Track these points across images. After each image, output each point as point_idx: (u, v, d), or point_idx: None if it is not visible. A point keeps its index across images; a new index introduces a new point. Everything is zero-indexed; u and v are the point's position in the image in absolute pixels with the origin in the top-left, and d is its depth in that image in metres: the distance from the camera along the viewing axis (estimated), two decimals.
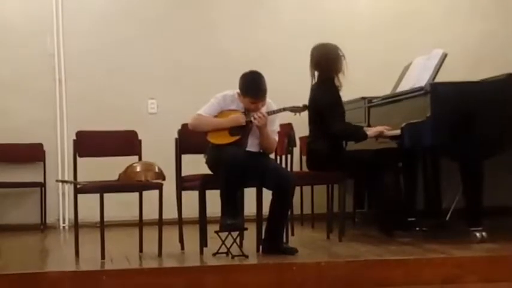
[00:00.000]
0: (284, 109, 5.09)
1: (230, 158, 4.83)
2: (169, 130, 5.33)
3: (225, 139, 4.99)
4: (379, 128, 5.63)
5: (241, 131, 5.00)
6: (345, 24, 7.72)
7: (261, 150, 5.10)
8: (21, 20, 7.42)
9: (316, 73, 5.73)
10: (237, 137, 4.99)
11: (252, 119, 4.97)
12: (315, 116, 5.69)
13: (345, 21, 7.75)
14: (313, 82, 5.73)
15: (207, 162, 5.07)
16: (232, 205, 4.85)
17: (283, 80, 6.84)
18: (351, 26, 7.73)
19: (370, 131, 5.66)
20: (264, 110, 5.01)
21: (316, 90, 5.70)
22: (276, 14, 7.78)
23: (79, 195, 5.07)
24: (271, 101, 5.12)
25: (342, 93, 5.73)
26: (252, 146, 5.06)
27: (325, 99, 5.61)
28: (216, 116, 5.05)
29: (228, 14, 7.73)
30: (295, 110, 5.13)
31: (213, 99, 5.11)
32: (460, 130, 5.19)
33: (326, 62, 5.66)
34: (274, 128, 5.12)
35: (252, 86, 5.02)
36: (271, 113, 5.03)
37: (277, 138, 5.17)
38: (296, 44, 7.47)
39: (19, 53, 7.38)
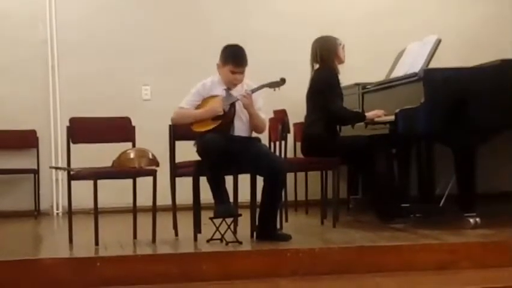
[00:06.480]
0: (263, 86, 5.07)
1: (205, 144, 4.84)
2: (163, 117, 5.31)
3: (207, 126, 4.97)
4: (377, 112, 5.66)
5: (223, 115, 4.98)
6: (339, 10, 7.69)
7: (252, 134, 5.08)
8: (13, 6, 7.36)
9: (315, 65, 5.79)
10: (218, 122, 4.97)
11: (239, 96, 4.96)
12: (313, 99, 5.74)
13: (338, 8, 7.72)
14: (312, 72, 5.81)
15: (197, 151, 5.05)
16: (221, 191, 4.85)
17: (278, 69, 6.77)
18: (345, 12, 7.69)
19: (368, 113, 5.70)
20: (245, 89, 5.02)
21: (315, 76, 5.79)
22: (270, 1, 7.74)
23: (73, 182, 5.05)
24: (251, 82, 5.12)
25: None
26: (240, 130, 5.05)
27: (324, 81, 5.69)
28: (199, 105, 5.06)
29: (222, 1, 7.69)
30: (273, 85, 5.09)
31: (192, 89, 5.13)
32: (453, 116, 5.19)
33: (327, 55, 5.77)
34: (258, 105, 5.10)
35: (233, 53, 5.06)
36: (251, 91, 5.01)
37: (263, 116, 5.14)
38: (291, 32, 7.44)
39: (11, 39, 7.31)
